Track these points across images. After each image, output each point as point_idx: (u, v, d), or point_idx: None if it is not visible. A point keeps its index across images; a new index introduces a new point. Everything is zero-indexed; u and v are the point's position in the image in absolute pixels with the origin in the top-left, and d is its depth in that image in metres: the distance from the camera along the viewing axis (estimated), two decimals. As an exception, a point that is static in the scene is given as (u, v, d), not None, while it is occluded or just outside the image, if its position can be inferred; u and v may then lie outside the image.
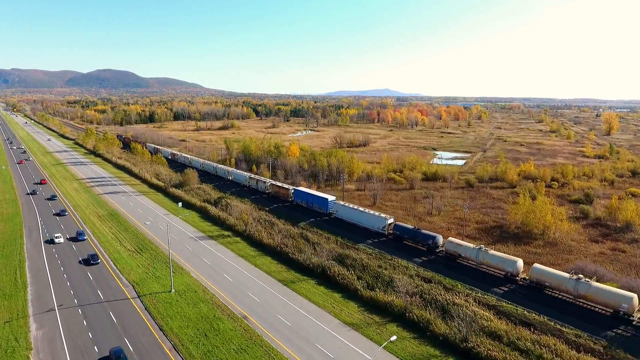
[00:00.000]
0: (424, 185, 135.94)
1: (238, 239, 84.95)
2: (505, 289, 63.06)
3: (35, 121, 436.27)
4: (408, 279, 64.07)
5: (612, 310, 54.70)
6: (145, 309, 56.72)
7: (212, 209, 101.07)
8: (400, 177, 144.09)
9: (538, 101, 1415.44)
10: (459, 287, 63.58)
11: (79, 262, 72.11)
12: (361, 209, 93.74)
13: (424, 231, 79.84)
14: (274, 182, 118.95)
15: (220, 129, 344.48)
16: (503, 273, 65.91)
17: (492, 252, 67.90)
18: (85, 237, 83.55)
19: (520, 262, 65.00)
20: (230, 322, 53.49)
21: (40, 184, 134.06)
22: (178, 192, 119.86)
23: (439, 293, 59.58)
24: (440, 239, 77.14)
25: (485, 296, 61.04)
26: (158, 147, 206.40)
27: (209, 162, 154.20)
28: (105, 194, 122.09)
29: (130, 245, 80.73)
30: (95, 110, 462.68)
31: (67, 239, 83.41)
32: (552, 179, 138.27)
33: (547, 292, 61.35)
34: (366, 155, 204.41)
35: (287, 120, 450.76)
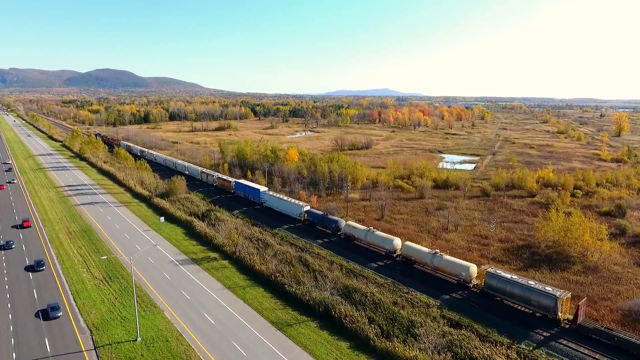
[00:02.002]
0: (434, 193, 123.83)
1: (226, 262, 72.76)
2: (382, 264, 72.79)
3: (27, 121, 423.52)
4: (432, 322, 52.02)
5: (457, 279, 64.09)
6: (101, 366, 44.67)
7: (199, 225, 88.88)
8: (409, 184, 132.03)
9: (538, 101, 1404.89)
10: (495, 335, 51.20)
11: (36, 315, 56.28)
12: (285, 198, 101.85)
13: (329, 216, 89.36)
14: (220, 176, 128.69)
15: (216, 130, 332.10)
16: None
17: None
18: (44, 267, 69.68)
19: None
20: (207, 388, 41.46)
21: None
22: (163, 202, 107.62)
23: (473, 345, 47.36)
24: (342, 223, 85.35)
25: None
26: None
27: (170, 157, 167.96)
28: (82, 204, 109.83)
29: (98, 272, 68.54)
30: (88, 111, 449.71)
31: (24, 269, 70.14)
32: (575, 187, 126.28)
33: (416, 266, 70.86)
34: (369, 159, 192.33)
35: (286, 121, 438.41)
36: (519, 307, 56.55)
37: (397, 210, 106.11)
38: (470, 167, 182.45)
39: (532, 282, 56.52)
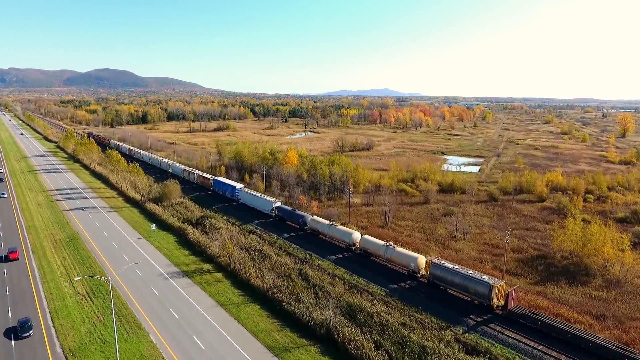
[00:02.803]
0: (440, 198, 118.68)
1: (220, 275, 67.62)
2: (341, 256, 76.14)
3: (23, 122, 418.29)
4: (445, 347, 46.90)
5: (407, 269, 66.88)
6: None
7: (192, 232, 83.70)
8: (412, 188, 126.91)
9: (538, 101, 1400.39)
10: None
11: (5, 333, 51.74)
12: (258, 195, 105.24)
13: (297, 212, 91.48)
14: (200, 174, 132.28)
15: (214, 130, 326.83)
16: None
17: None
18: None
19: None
20: None
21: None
22: (156, 208, 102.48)
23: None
24: (307, 218, 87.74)
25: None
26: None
27: (155, 156, 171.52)
28: (71, 210, 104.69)
29: (81, 286, 63.40)
30: (86, 111, 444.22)
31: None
32: (586, 191, 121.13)
33: (372, 258, 73.66)
34: (371, 160, 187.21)
35: (286, 121, 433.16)
36: (460, 295, 59.93)
37: (402, 217, 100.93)
38: (475, 169, 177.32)
39: (471, 272, 59.91)
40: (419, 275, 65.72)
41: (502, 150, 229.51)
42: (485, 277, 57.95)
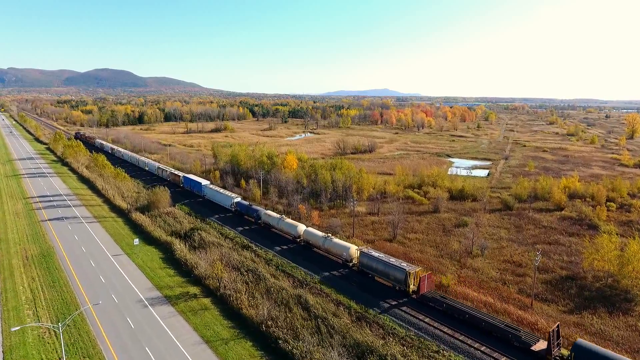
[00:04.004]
0: (450, 206, 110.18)
1: (207, 301, 59.07)
2: (286, 247, 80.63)
3: (17, 122, 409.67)
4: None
5: (341, 259, 70.31)
6: None
7: (180, 248, 75.12)
8: (420, 194, 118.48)
9: (538, 101, 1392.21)
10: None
11: None
12: (220, 190, 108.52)
13: (252, 206, 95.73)
14: (172, 171, 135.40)
15: (212, 131, 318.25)
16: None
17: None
18: None
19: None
20: None
21: None
22: (142, 218, 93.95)
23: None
24: (261, 212, 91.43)
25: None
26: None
27: (134, 155, 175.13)
28: (50, 220, 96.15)
29: (47, 315, 54.92)
30: (81, 111, 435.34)
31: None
32: (607, 199, 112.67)
33: (315, 250, 77.35)
34: (374, 164, 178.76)
35: (285, 122, 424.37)
36: (384, 282, 64.13)
37: (411, 228, 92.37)
38: (483, 173, 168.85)
39: (392, 260, 64.12)
40: (351, 264, 69.71)
41: (509, 152, 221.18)
42: (404, 264, 62.48)
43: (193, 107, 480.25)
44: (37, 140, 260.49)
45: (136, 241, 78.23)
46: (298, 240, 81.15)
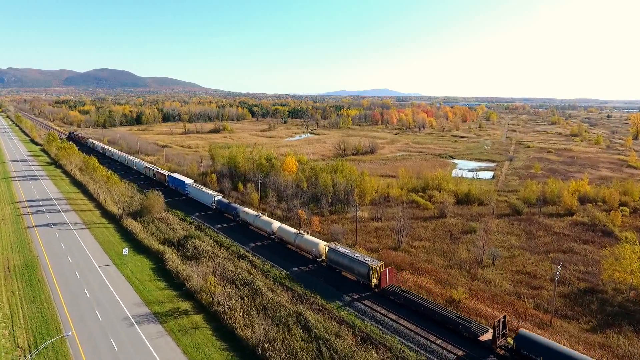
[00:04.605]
0: (456, 210, 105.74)
1: (199, 319, 54.51)
2: (260, 244, 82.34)
3: (14, 122, 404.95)
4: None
5: (311, 255, 72.18)
6: None
7: (172, 258, 70.63)
8: (424, 198, 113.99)
9: (538, 101, 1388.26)
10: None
11: None
12: (202, 189, 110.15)
13: (232, 204, 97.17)
14: (158, 170, 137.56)
15: (210, 132, 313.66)
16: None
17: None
18: None
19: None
20: None
21: None
22: (134, 225, 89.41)
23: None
24: (239, 210, 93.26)
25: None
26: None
27: (123, 154, 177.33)
28: (38, 226, 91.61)
29: (24, 335, 50.39)
30: (78, 111, 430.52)
31: None
32: (620, 203, 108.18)
33: (288, 246, 79.14)
34: (375, 165, 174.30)
35: (285, 122, 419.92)
36: (350, 276, 65.95)
37: (416, 235, 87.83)
38: (488, 175, 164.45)
39: (358, 255, 65.72)
40: (320, 259, 71.44)
41: (514, 153, 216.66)
42: (367, 259, 63.95)
43: (192, 108, 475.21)
44: (32, 141, 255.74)
45: (125, 251, 73.60)
46: (273, 237, 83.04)
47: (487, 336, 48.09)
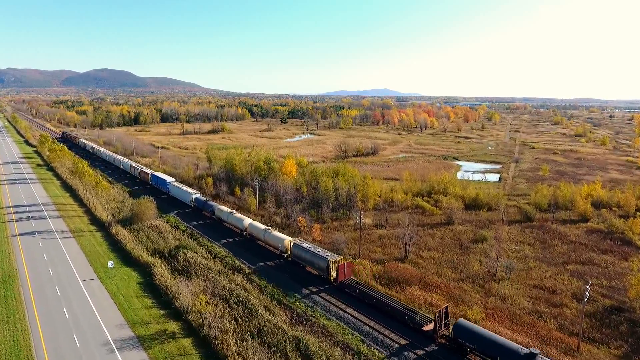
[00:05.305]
0: (464, 216, 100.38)
1: (188, 343, 49.13)
2: (232, 240, 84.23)
3: (10, 123, 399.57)
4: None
5: (278, 250, 75.01)
6: None
7: (161, 272, 65.24)
8: (430, 203, 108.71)
9: (539, 101, 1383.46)
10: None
11: None
12: (182, 187, 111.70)
13: (208, 202, 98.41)
14: (142, 169, 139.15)
15: (209, 132, 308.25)
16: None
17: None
18: None
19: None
20: None
21: None
22: (123, 233, 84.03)
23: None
24: (215, 208, 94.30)
25: None
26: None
27: (112, 154, 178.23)
28: (21, 234, 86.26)
29: (-9, 364, 45.11)
30: (75, 112, 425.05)
31: None
32: (635, 208, 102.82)
33: (258, 242, 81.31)
34: (378, 167, 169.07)
35: (285, 122, 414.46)
36: (312, 271, 67.65)
37: (423, 244, 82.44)
38: (494, 177, 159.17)
39: (319, 250, 67.16)
40: (286, 255, 73.05)
41: (519, 154, 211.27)
42: (328, 253, 65.62)
43: (190, 108, 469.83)
44: (27, 142, 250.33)
45: (111, 264, 68.12)
46: (244, 233, 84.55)
47: (430, 326, 49.86)
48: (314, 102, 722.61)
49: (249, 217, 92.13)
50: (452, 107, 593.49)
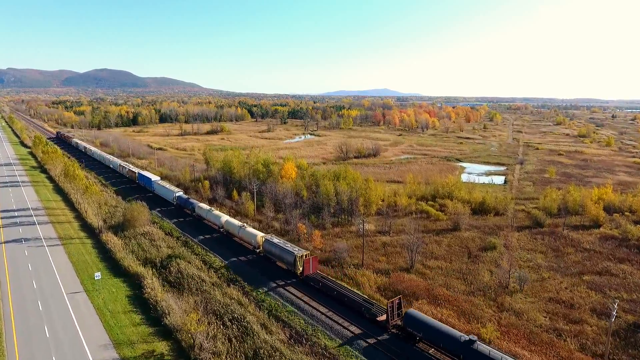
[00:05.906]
0: (471, 222, 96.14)
1: (177, 366, 45.11)
2: (209, 236, 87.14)
3: (7, 123, 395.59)
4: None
5: (251, 246, 77.16)
6: None
7: (151, 284, 60.99)
8: (435, 208, 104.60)
9: (539, 101, 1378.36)
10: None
11: None
12: (166, 185, 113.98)
13: (190, 200, 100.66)
14: (130, 168, 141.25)
15: (208, 133, 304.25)
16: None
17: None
18: None
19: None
20: None
21: None
22: (114, 240, 79.80)
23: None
24: (195, 205, 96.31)
25: None
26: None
27: (103, 153, 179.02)
28: (7, 242, 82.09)
29: (-40, 391, 41.01)
30: (73, 112, 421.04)
31: None
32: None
33: (234, 239, 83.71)
34: (379, 169, 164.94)
35: (284, 123, 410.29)
36: (282, 265, 69.28)
37: (430, 252, 78.30)
38: (499, 179, 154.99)
39: (288, 245, 69.18)
40: (258, 250, 74.87)
41: (523, 156, 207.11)
42: (296, 248, 67.85)
43: (190, 108, 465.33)
44: (22, 143, 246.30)
45: (97, 275, 63.80)
46: (221, 230, 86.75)
47: (384, 317, 52.19)
48: (314, 102, 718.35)
49: (246, 222, 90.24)
50: (453, 107, 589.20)
